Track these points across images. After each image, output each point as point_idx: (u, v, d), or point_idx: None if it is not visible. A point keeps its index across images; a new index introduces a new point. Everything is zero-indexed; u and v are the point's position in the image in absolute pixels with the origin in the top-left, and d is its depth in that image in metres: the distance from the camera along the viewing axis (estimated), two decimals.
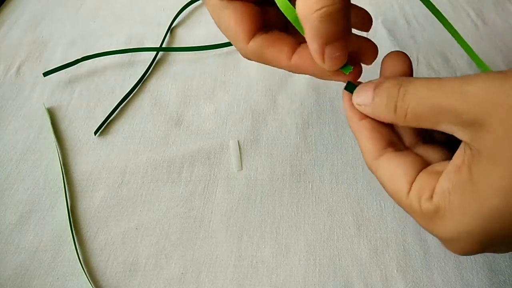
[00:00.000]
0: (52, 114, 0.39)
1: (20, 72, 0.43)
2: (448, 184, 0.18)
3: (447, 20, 0.25)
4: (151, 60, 0.42)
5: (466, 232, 0.18)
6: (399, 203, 0.21)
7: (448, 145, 0.22)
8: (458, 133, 0.18)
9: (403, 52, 0.24)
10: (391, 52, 0.24)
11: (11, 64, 0.44)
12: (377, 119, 0.22)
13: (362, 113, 0.22)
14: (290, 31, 0.25)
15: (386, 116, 0.21)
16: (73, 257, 0.30)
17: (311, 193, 0.33)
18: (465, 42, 0.27)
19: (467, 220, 0.17)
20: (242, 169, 0.35)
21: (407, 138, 0.23)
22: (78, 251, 0.30)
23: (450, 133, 0.18)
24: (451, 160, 0.19)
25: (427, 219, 0.19)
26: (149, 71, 0.42)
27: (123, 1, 0.51)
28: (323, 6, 0.18)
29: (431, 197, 0.19)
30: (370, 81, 0.22)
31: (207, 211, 0.32)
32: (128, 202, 0.33)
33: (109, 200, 0.33)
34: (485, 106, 0.16)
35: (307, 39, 0.20)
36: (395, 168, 0.21)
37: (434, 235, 0.20)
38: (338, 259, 0.30)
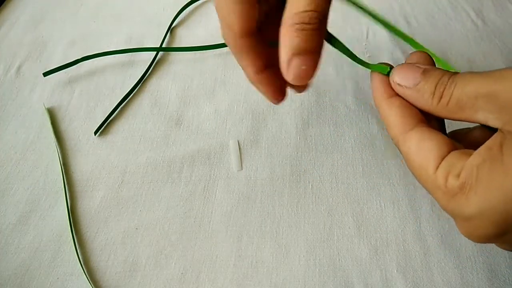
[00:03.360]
0: (52, 114, 0.39)
1: (20, 72, 0.43)
2: (478, 160, 0.18)
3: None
4: (151, 60, 0.42)
5: (489, 207, 0.18)
6: (422, 178, 0.20)
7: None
8: (493, 120, 0.19)
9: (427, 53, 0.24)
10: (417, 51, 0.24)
11: (11, 64, 0.44)
12: (415, 103, 0.22)
13: (393, 91, 0.22)
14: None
15: (427, 102, 0.21)
16: (73, 257, 0.30)
17: (311, 193, 0.33)
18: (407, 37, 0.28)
19: (492, 195, 0.17)
20: (242, 169, 0.35)
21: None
22: (78, 251, 0.30)
23: (485, 122, 0.19)
24: (486, 142, 0.19)
25: (450, 196, 0.19)
26: (149, 71, 0.42)
27: (123, 1, 0.51)
28: (302, 22, 0.20)
29: (459, 175, 0.19)
30: (412, 64, 0.22)
31: (207, 211, 0.32)
32: (128, 202, 0.33)
33: (109, 200, 0.33)
34: None
35: (279, 45, 0.21)
36: (427, 141, 0.20)
37: (453, 214, 0.20)
38: (338, 259, 0.30)
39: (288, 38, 0.21)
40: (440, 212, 0.31)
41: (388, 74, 0.23)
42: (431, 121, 0.22)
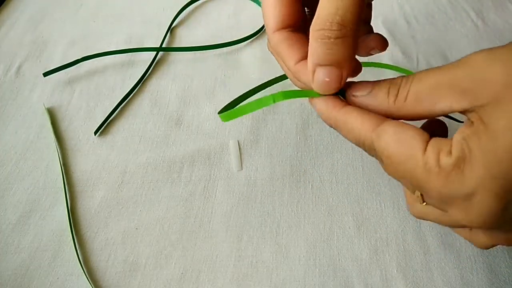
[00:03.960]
0: (52, 114, 0.39)
1: (20, 72, 0.43)
2: (464, 134, 0.18)
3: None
4: (151, 60, 0.42)
5: (488, 177, 0.17)
6: (410, 168, 0.19)
7: None
8: (458, 104, 0.18)
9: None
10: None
11: (11, 64, 0.44)
12: (373, 109, 0.21)
13: (342, 103, 0.22)
14: None
15: (384, 103, 0.20)
16: (73, 257, 0.30)
17: (311, 193, 0.33)
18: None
19: (488, 164, 0.17)
20: (242, 169, 0.35)
21: None
22: (78, 251, 0.30)
23: (449, 110, 0.19)
24: (460, 127, 0.19)
25: (445, 176, 0.18)
26: (149, 71, 0.42)
27: (123, 1, 0.51)
28: (324, 28, 0.20)
29: (450, 152, 0.18)
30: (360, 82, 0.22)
31: (207, 211, 0.32)
32: (128, 202, 0.33)
33: (109, 200, 0.33)
34: (482, 67, 0.18)
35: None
36: (405, 130, 0.19)
37: (451, 196, 0.18)
38: (338, 259, 0.30)
39: (312, 47, 0.20)
40: None
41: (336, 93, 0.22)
42: None
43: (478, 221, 0.18)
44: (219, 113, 0.23)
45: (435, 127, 0.23)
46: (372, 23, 0.46)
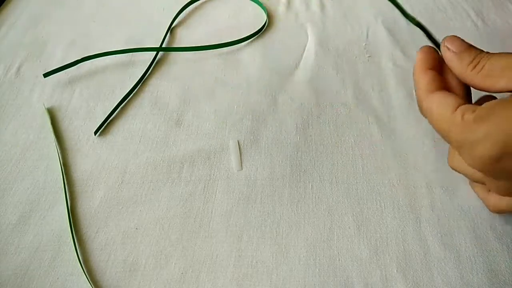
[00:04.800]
0: (52, 114, 0.39)
1: (20, 72, 0.43)
2: (493, 104, 0.23)
3: None
4: (151, 60, 0.42)
5: (494, 130, 0.22)
6: (441, 121, 0.25)
7: None
8: None
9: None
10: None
11: (11, 64, 0.44)
12: (453, 67, 0.27)
13: (433, 64, 0.28)
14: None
15: (463, 68, 0.26)
16: (73, 257, 0.30)
17: (311, 193, 0.33)
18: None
19: (499, 122, 0.22)
20: (242, 169, 0.35)
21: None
22: (78, 251, 0.30)
23: (506, 88, 0.23)
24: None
25: (463, 127, 0.23)
26: (149, 71, 0.42)
27: (123, 1, 0.51)
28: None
29: (474, 111, 0.23)
30: (460, 38, 0.27)
31: (207, 211, 0.32)
32: (128, 202, 0.33)
33: (109, 200, 0.33)
34: None
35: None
36: (448, 97, 0.25)
37: (462, 142, 0.24)
38: (338, 259, 0.30)
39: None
40: (440, 212, 0.31)
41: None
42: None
43: (476, 160, 0.24)
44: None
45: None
46: (372, 23, 0.46)
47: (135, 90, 0.41)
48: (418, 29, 0.45)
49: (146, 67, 0.42)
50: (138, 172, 0.35)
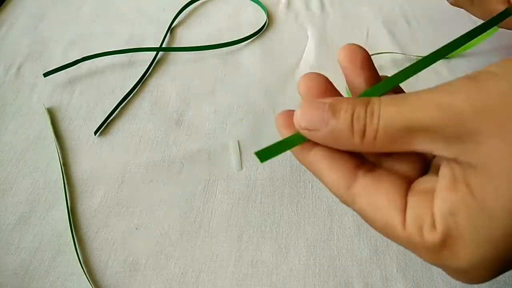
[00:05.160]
0: (52, 114, 0.39)
1: (20, 72, 0.43)
2: (449, 206, 0.16)
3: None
4: (151, 60, 0.42)
5: (482, 259, 0.16)
6: (393, 238, 0.17)
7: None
8: (440, 151, 0.16)
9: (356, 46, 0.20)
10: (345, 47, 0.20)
11: (11, 64, 0.44)
12: (333, 146, 0.18)
13: (309, 144, 0.19)
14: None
15: (349, 143, 0.17)
16: (73, 257, 0.30)
17: (311, 193, 0.33)
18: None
19: (482, 246, 0.15)
20: (242, 169, 0.35)
21: (369, 156, 0.20)
22: (78, 251, 0.30)
23: (429, 152, 0.17)
24: (439, 178, 0.17)
25: (434, 253, 0.16)
26: (149, 71, 0.42)
27: (123, 1, 0.51)
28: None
29: (434, 225, 0.16)
30: (313, 101, 0.18)
31: (207, 211, 0.32)
32: (128, 202, 0.33)
33: (109, 200, 0.33)
34: (472, 116, 0.15)
35: None
36: (377, 197, 0.17)
37: (443, 268, 0.17)
38: (338, 259, 0.30)
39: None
40: None
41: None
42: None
43: (472, 283, 0.18)
44: (255, 153, 0.20)
45: None
46: (372, 23, 0.46)
47: (135, 90, 0.40)
48: (418, 29, 0.45)
49: (146, 67, 0.42)
50: (138, 172, 0.35)
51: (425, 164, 0.19)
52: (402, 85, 0.20)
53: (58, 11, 0.50)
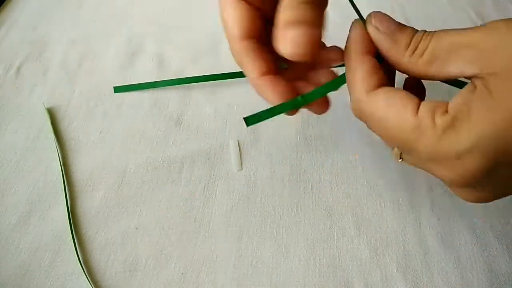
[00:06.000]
0: (52, 114, 0.39)
1: (20, 72, 0.43)
2: (466, 99, 0.18)
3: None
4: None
5: (481, 140, 0.17)
6: (400, 129, 0.19)
7: None
8: (469, 68, 0.18)
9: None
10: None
11: (11, 64, 0.44)
12: (388, 53, 0.21)
13: (369, 48, 0.22)
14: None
15: (401, 53, 0.21)
16: (73, 257, 0.30)
17: (311, 193, 0.33)
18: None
19: (484, 129, 0.17)
20: (242, 169, 0.35)
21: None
22: (78, 251, 0.30)
23: (459, 74, 0.19)
24: (464, 89, 0.19)
25: (439, 135, 0.18)
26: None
27: (123, 1, 0.51)
28: None
29: (446, 111, 0.18)
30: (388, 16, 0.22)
31: (207, 211, 0.32)
32: (128, 202, 0.33)
33: (109, 200, 0.33)
34: (503, 34, 0.18)
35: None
36: (397, 94, 0.20)
37: (443, 154, 0.19)
38: (338, 259, 0.30)
39: (281, 12, 0.21)
40: (440, 212, 0.31)
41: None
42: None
43: (465, 178, 0.19)
44: (244, 118, 0.23)
45: (414, 89, 0.25)
46: None
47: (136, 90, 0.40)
48: (418, 29, 0.45)
49: (146, 67, 0.42)
50: (138, 172, 0.35)
51: None
52: None
53: (58, 11, 0.50)
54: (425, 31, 0.20)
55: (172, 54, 0.44)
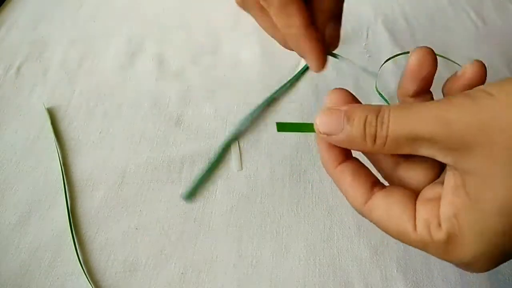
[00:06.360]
0: (52, 114, 0.39)
1: (20, 72, 0.43)
2: (452, 209, 0.18)
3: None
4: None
5: (480, 254, 0.18)
6: (407, 241, 0.20)
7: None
8: (440, 157, 0.18)
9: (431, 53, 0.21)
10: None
11: (11, 64, 0.44)
12: (349, 148, 0.21)
13: (338, 157, 0.22)
14: None
15: (362, 146, 0.20)
16: (73, 257, 0.30)
17: (311, 193, 0.33)
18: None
19: (478, 242, 0.18)
20: (242, 169, 0.35)
21: (384, 163, 0.23)
22: (78, 251, 0.30)
23: (431, 157, 0.19)
24: (445, 183, 0.19)
25: (442, 248, 0.19)
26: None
27: (123, 1, 0.51)
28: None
29: (440, 224, 0.18)
30: (331, 108, 0.21)
31: (207, 211, 0.32)
32: (128, 202, 0.33)
33: (109, 200, 0.33)
34: (466, 131, 0.17)
35: None
36: (391, 209, 0.20)
37: (452, 262, 0.20)
38: (338, 259, 0.30)
39: None
40: None
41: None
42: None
43: (478, 272, 0.20)
44: (277, 122, 0.23)
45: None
46: (372, 23, 0.46)
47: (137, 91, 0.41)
48: (418, 29, 0.45)
49: (146, 67, 0.42)
50: (138, 172, 0.35)
51: (436, 169, 0.21)
52: None
53: (58, 11, 0.50)
54: (376, 111, 0.19)
55: (172, 54, 0.44)
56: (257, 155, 0.35)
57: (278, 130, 0.23)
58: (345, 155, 0.22)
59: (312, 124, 0.22)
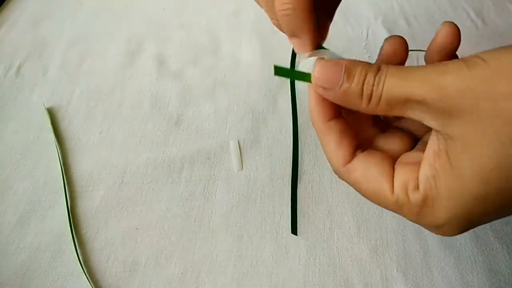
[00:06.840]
0: (52, 114, 0.39)
1: (20, 72, 0.43)
2: (431, 171, 0.18)
3: None
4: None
5: (454, 216, 0.18)
6: (383, 203, 0.20)
7: (404, 131, 0.23)
8: (427, 121, 0.18)
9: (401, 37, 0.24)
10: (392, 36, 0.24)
11: (11, 64, 0.44)
12: (345, 105, 0.21)
13: (328, 113, 0.21)
14: None
15: (357, 104, 0.20)
16: (73, 257, 0.30)
17: (311, 193, 0.33)
18: None
19: (454, 205, 0.18)
20: (242, 169, 0.35)
21: (365, 132, 0.23)
22: (78, 251, 0.30)
23: (419, 120, 0.19)
24: (427, 147, 0.19)
25: (416, 210, 0.19)
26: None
27: (123, 1, 0.51)
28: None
29: (417, 186, 0.19)
30: (331, 62, 0.20)
31: (207, 211, 0.32)
32: (128, 202, 0.33)
33: (109, 200, 0.33)
34: (456, 96, 0.17)
35: None
36: (369, 170, 0.20)
37: (424, 224, 0.20)
38: (338, 259, 0.30)
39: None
40: None
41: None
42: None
43: (447, 236, 0.20)
44: (274, 65, 0.22)
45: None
46: (372, 23, 0.46)
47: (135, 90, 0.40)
48: (418, 29, 0.45)
49: (146, 67, 0.42)
50: (138, 172, 0.35)
51: (411, 143, 0.22)
52: None
53: (58, 11, 0.50)
54: (375, 70, 0.19)
55: (172, 54, 0.44)
56: (257, 155, 0.35)
57: (275, 74, 0.22)
58: (336, 112, 0.22)
59: (309, 75, 0.21)
